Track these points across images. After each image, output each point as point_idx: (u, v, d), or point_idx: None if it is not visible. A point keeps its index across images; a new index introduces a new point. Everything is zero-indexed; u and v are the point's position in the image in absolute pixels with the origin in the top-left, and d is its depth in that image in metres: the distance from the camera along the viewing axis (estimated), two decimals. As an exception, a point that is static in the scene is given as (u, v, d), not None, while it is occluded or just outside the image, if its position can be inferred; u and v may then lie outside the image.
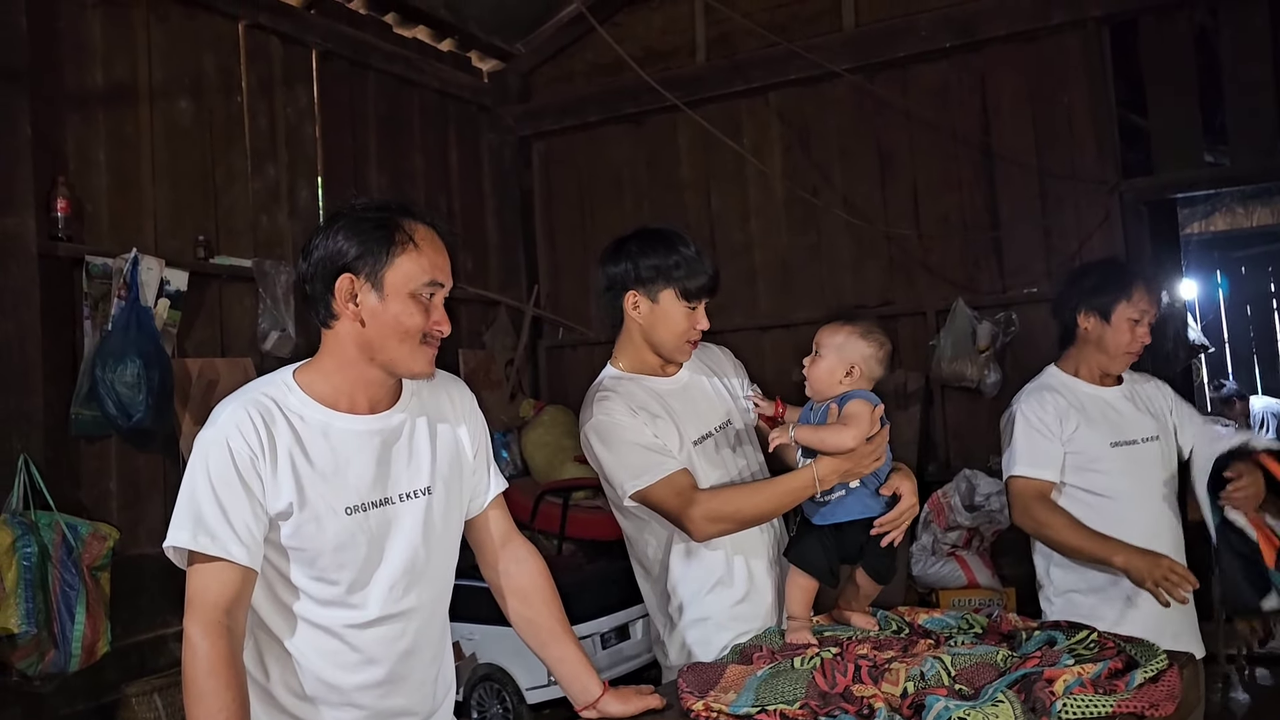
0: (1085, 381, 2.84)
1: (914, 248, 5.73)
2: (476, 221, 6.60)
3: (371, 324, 1.73)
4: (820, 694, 1.75)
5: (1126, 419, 2.80)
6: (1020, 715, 1.60)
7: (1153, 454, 2.80)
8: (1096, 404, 2.81)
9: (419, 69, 6.07)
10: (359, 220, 1.74)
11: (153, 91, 4.57)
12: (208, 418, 1.78)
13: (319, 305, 1.75)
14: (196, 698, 1.60)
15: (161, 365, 4.08)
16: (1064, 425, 2.76)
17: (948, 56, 5.59)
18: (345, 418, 1.79)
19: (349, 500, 1.76)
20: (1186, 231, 9.79)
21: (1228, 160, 5.36)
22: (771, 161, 6.08)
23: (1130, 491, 2.75)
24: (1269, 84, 5.01)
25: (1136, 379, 2.95)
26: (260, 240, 5.02)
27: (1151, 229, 5.44)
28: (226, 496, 1.67)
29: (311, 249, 1.75)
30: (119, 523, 4.07)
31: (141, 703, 3.89)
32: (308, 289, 1.76)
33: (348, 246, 1.71)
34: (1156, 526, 2.75)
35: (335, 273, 1.71)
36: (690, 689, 1.85)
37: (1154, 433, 2.81)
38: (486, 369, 6.29)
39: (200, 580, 1.66)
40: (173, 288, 4.40)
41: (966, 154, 5.60)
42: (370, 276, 1.71)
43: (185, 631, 1.64)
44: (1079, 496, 2.76)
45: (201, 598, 1.65)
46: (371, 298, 1.72)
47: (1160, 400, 2.92)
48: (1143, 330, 2.77)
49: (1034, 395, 2.83)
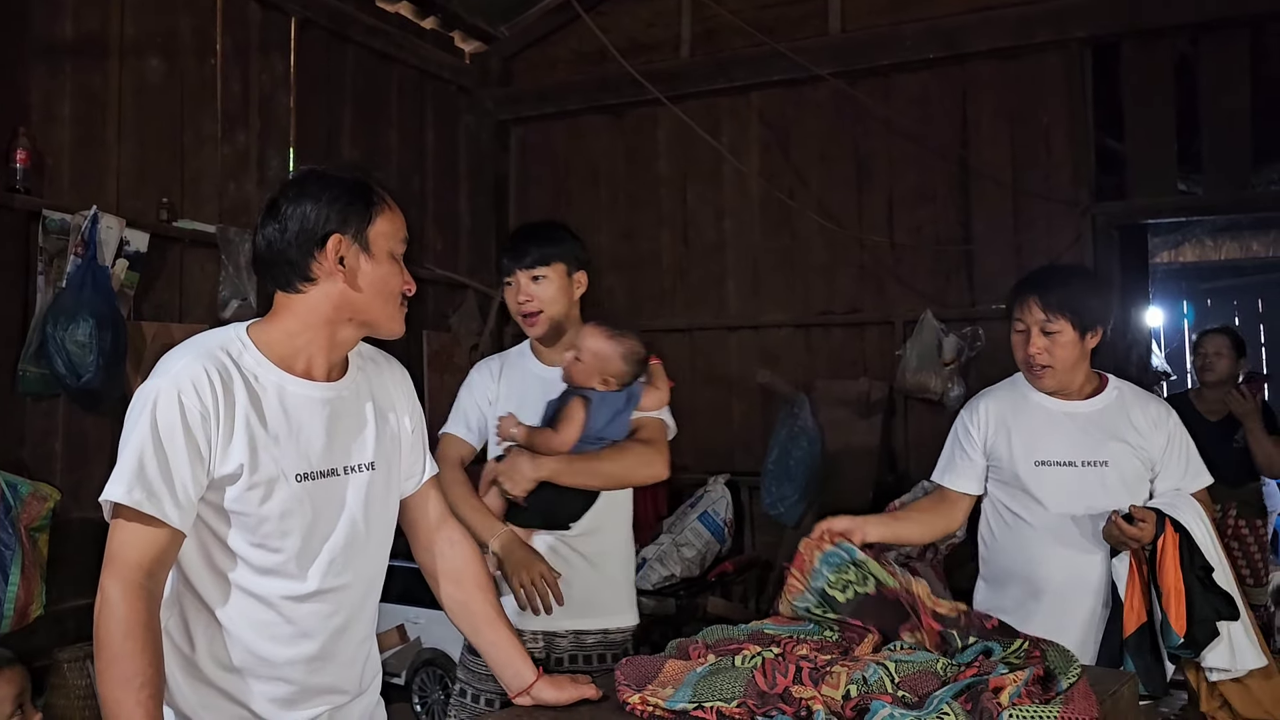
0: (1042, 391, 2.62)
1: (886, 257, 5.72)
2: (450, 204, 6.53)
3: (360, 284, 1.72)
4: (759, 693, 1.72)
5: (1072, 438, 2.56)
6: None
7: (1091, 482, 2.52)
8: (1043, 416, 2.59)
9: (399, 45, 5.99)
10: (333, 182, 1.72)
11: (123, 47, 4.47)
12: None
13: (293, 269, 1.70)
14: (110, 660, 1.53)
15: (115, 326, 3.99)
16: (988, 433, 2.62)
17: (930, 68, 5.59)
18: (299, 382, 1.75)
19: (300, 467, 1.72)
20: (1156, 260, 9.89)
21: (1201, 189, 5.40)
22: (749, 161, 6.06)
23: (1051, 518, 2.54)
24: (1245, 115, 5.05)
25: (1131, 397, 2.64)
26: (226, 207, 4.92)
27: (1121, 253, 5.47)
28: (172, 453, 1.62)
29: (282, 215, 1.70)
30: (62, 485, 3.97)
31: (73, 669, 3.80)
32: (277, 254, 1.71)
33: (330, 209, 1.69)
34: (1075, 564, 2.52)
35: (322, 235, 1.69)
36: (627, 681, 1.81)
37: (1103, 458, 2.53)
38: (450, 352, 6.23)
39: (126, 536, 1.59)
40: (132, 248, 4.31)
41: (943, 166, 5.61)
42: (357, 237, 1.71)
43: (102, 589, 1.57)
44: (1001, 513, 2.63)
45: (124, 555, 1.58)
46: (361, 259, 1.71)
47: (1147, 427, 2.58)
48: (1037, 346, 2.53)
49: (979, 400, 2.73)
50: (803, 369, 5.86)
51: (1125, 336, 5.58)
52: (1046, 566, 2.55)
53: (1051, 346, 2.52)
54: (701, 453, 6.03)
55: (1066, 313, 2.50)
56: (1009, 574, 2.63)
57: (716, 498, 5.57)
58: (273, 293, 1.77)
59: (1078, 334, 2.52)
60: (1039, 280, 2.59)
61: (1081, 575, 2.53)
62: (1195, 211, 5.91)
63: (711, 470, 5.80)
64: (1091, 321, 2.53)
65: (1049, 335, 2.51)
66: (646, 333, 7.04)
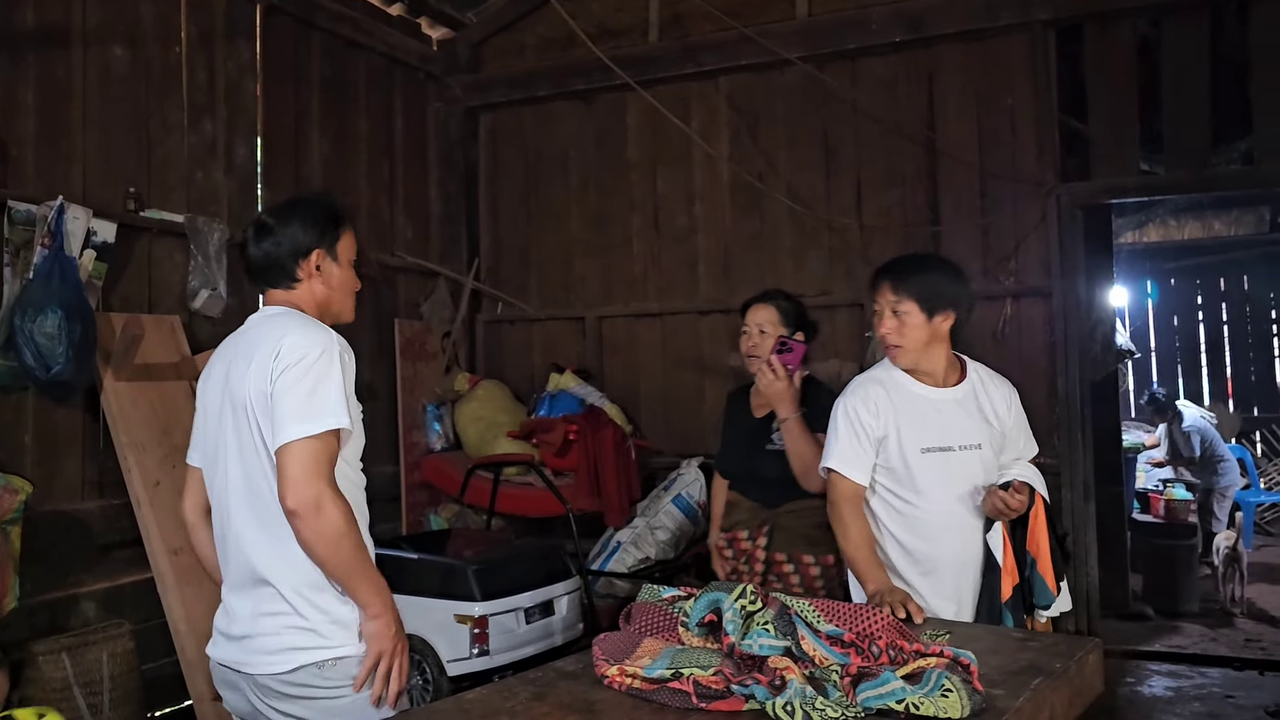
0: (917, 380, 2.72)
1: (855, 239, 5.78)
2: (419, 191, 6.51)
3: (331, 284, 2.24)
4: (735, 663, 1.76)
5: (949, 423, 2.68)
6: (966, 704, 1.63)
7: (970, 463, 2.68)
8: (922, 404, 2.69)
9: (367, 31, 5.96)
10: (314, 207, 2.25)
11: (86, 36, 4.43)
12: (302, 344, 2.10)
13: (284, 273, 2.21)
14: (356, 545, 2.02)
15: (84, 317, 3.96)
16: (880, 425, 2.68)
17: (897, 51, 5.64)
18: None
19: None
20: (1120, 240, 10.03)
21: (1162, 169, 5.49)
22: (719, 146, 6.08)
23: (940, 501, 2.66)
24: (1205, 96, 5.13)
25: (986, 379, 2.81)
26: (194, 196, 4.90)
27: (1086, 233, 5.55)
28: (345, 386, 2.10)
29: (275, 233, 2.20)
30: (34, 477, 3.94)
31: (49, 661, 3.79)
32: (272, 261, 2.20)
33: (313, 229, 2.20)
34: (963, 540, 2.68)
35: (306, 248, 2.20)
36: (605, 656, 1.85)
37: (977, 440, 2.69)
38: (422, 340, 6.23)
39: (331, 450, 2.01)
40: (100, 239, 4.28)
41: (910, 149, 5.66)
42: (330, 250, 2.23)
43: (321, 492, 1.96)
44: (891, 501, 2.71)
45: (329, 463, 2.00)
46: (332, 267, 2.24)
47: (1002, 407, 2.76)
48: (887, 326, 2.66)
49: (861, 388, 2.75)
50: (774, 352, 5.90)
51: (1090, 316, 5.66)
52: (939, 547, 2.67)
53: (901, 327, 2.66)
54: (674, 436, 6.08)
55: (913, 296, 2.65)
56: (902, 557, 2.71)
57: (690, 480, 5.61)
58: (262, 291, 2.26)
59: (925, 316, 2.65)
60: (893, 266, 2.76)
61: (970, 550, 2.69)
62: (1157, 191, 6.00)
63: (684, 453, 5.85)
64: (940, 305, 2.65)
65: (898, 316, 2.66)
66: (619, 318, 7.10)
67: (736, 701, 1.68)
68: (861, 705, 1.64)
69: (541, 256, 6.63)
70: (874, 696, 1.64)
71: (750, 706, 1.67)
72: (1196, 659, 5.39)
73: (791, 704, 1.61)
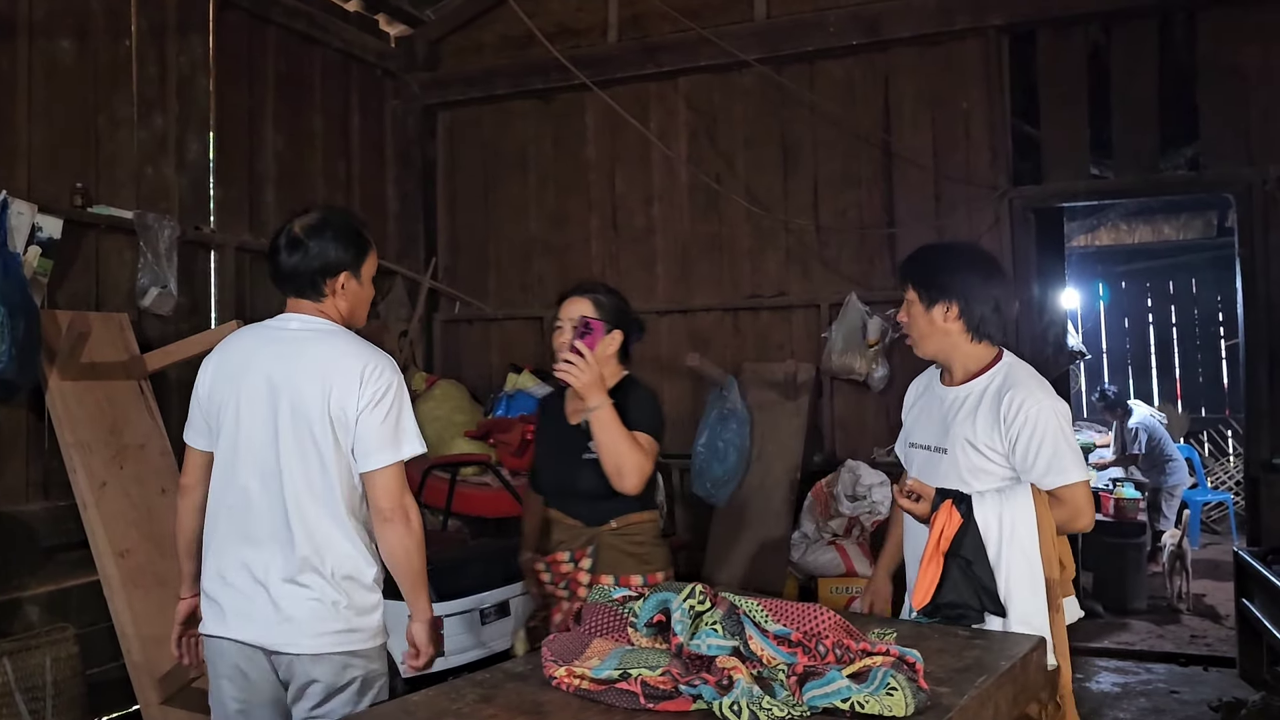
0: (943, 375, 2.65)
1: (811, 240, 5.82)
2: (376, 189, 6.46)
3: (354, 301, 2.42)
4: (683, 663, 1.76)
5: (938, 422, 2.59)
6: (911, 702, 1.64)
7: (938, 465, 2.53)
8: (929, 399, 2.67)
9: (323, 27, 5.90)
10: (346, 229, 2.40)
11: (33, 27, 4.34)
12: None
13: (312, 288, 2.36)
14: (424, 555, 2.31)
15: (29, 315, 3.87)
16: (907, 414, 2.77)
17: (854, 54, 5.69)
18: None
19: None
20: (1073, 244, 10.18)
21: (1112, 173, 5.58)
22: (677, 147, 6.10)
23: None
24: (1153, 102, 5.23)
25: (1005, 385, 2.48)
26: (144, 192, 4.81)
27: (1038, 236, 5.63)
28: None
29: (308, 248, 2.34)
30: (-25, 478, 3.87)
31: (-9, 666, 3.71)
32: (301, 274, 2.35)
33: (345, 252, 2.37)
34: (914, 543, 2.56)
35: (335, 268, 2.36)
36: (554, 657, 1.84)
37: (944, 445, 2.52)
38: (379, 339, 6.17)
39: (403, 472, 2.29)
40: (45, 235, 4.20)
41: (867, 151, 5.71)
42: (355, 272, 2.40)
43: (404, 508, 2.27)
44: None
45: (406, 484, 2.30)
46: (355, 285, 2.42)
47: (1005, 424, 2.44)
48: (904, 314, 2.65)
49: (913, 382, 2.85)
50: (731, 352, 5.94)
51: (1042, 317, 5.74)
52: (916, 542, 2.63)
53: (908, 316, 2.62)
54: (632, 436, 6.06)
55: (913, 284, 2.58)
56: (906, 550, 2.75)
57: (648, 480, 5.60)
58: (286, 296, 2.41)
59: (924, 306, 2.55)
60: (911, 254, 2.72)
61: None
62: (1106, 195, 6.09)
63: (642, 453, 5.84)
64: (938, 295, 2.52)
65: (908, 304, 2.61)
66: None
67: (684, 701, 1.68)
68: (808, 704, 1.65)
69: (499, 256, 6.61)
70: (820, 695, 1.65)
71: (698, 706, 1.68)
72: (1144, 655, 5.47)
73: (738, 703, 1.61)
